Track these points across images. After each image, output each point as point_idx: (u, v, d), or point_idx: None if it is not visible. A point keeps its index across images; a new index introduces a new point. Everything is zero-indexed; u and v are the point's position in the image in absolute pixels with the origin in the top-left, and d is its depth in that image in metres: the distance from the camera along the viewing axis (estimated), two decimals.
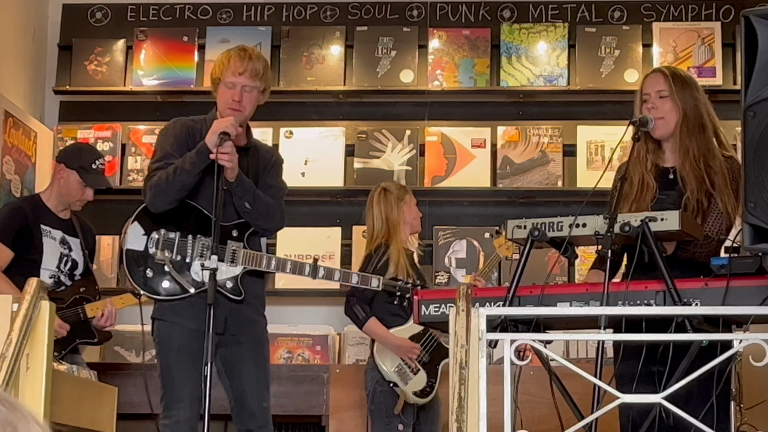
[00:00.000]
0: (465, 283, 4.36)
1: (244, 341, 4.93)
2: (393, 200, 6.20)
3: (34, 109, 7.75)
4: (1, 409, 1.32)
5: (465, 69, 7.72)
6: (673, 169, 4.58)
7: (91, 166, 5.95)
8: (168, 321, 4.89)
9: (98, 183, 5.99)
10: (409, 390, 6.05)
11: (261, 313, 5.07)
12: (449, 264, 7.52)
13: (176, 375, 4.83)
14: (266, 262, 4.93)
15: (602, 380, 3.86)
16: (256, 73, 4.96)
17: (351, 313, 6.13)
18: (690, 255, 4.37)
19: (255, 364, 4.95)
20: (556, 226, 4.12)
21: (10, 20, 7.50)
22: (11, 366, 3.43)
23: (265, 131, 7.40)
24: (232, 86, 4.94)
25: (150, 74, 7.80)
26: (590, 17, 7.78)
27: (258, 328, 5.02)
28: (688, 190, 4.47)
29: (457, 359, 3.62)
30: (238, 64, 4.95)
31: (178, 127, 5.05)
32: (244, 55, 4.98)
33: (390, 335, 6.08)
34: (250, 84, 4.96)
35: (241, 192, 4.88)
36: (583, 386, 3.99)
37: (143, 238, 4.93)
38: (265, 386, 4.97)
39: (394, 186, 6.34)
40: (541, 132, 7.62)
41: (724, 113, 7.00)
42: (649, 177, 4.53)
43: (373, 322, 6.07)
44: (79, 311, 5.86)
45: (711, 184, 4.47)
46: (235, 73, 4.94)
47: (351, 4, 7.89)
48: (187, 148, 4.92)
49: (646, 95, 4.60)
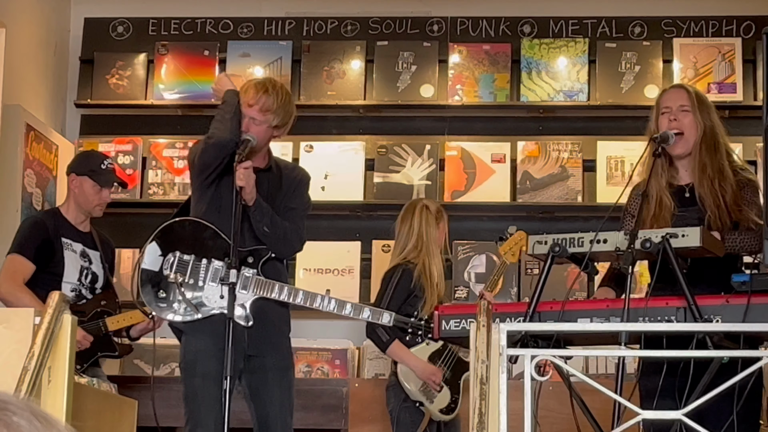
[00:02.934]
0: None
1: (269, 368, 4.96)
2: (430, 219, 6.17)
3: (56, 122, 7.79)
4: (37, 425, 1.31)
5: (485, 84, 7.73)
6: (689, 187, 4.58)
7: (100, 167, 5.96)
8: (191, 336, 4.93)
9: (111, 180, 5.97)
10: (435, 408, 6.05)
11: (284, 332, 5.08)
12: (468, 279, 7.52)
13: (201, 401, 4.87)
14: (278, 291, 4.93)
15: (622, 396, 3.85)
16: (267, 108, 5.00)
17: (374, 335, 6.12)
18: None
19: (279, 390, 4.99)
20: (576, 242, 4.12)
21: (32, 34, 7.54)
22: (33, 379, 3.44)
23: (285, 145, 7.42)
24: (243, 115, 5.01)
25: (171, 88, 7.83)
26: (610, 33, 7.78)
27: (281, 350, 5.03)
28: (707, 208, 4.46)
29: (478, 375, 3.62)
30: (251, 95, 5.01)
31: None
32: (260, 88, 5.03)
33: (413, 358, 6.07)
34: (259, 118, 5.01)
35: (259, 216, 4.93)
36: (603, 402, 3.98)
37: (159, 259, 4.98)
38: (289, 411, 5.02)
39: (434, 205, 6.29)
40: (561, 147, 7.62)
41: (745, 129, 7.03)
42: (665, 195, 4.52)
43: (397, 345, 6.07)
44: (100, 324, 5.87)
45: (725, 203, 4.46)
46: (245, 104, 5.00)
47: (371, 19, 7.90)
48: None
49: (667, 108, 4.59)
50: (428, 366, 6.07)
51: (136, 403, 5.09)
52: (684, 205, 4.54)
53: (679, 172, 4.63)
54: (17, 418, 1.29)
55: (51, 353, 3.56)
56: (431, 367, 6.07)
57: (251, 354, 4.94)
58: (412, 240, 6.16)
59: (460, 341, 4.46)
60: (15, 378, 3.45)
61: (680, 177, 4.62)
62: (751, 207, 4.45)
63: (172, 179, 7.69)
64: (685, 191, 4.58)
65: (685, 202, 4.55)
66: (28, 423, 1.30)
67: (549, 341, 3.94)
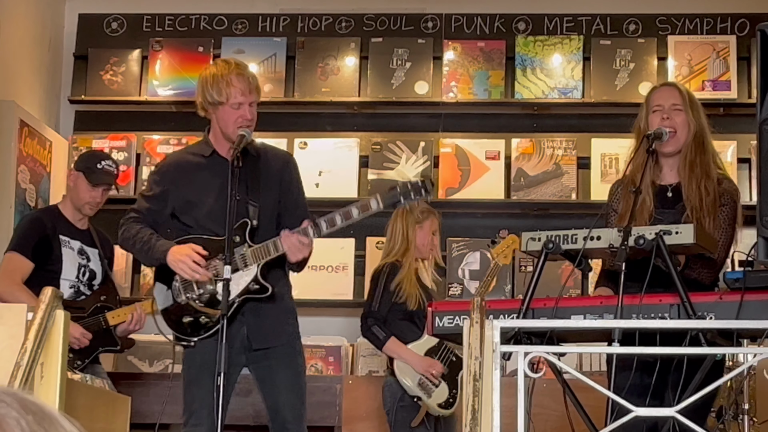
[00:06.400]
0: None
1: (272, 356, 4.94)
2: (411, 221, 6.19)
3: (50, 118, 7.78)
4: (29, 419, 1.28)
5: (480, 81, 7.73)
6: (672, 187, 4.58)
7: (96, 166, 5.93)
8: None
9: (101, 180, 5.90)
10: (433, 402, 6.07)
11: (286, 320, 5.03)
12: (463, 276, 7.52)
13: (196, 390, 4.85)
14: (273, 249, 4.89)
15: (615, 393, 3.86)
16: (257, 86, 5.04)
17: (370, 334, 6.14)
18: (696, 276, 4.36)
19: (286, 376, 4.96)
20: (570, 239, 4.12)
21: (26, 30, 7.53)
22: (26, 375, 3.44)
23: (279, 142, 7.40)
24: (239, 106, 4.97)
25: (165, 84, 7.82)
26: (605, 30, 7.78)
27: (284, 337, 5.00)
28: (689, 207, 4.46)
29: (471, 371, 3.62)
30: (243, 85, 4.97)
31: (169, 167, 5.16)
32: (243, 73, 5.00)
33: (410, 353, 6.09)
34: (256, 99, 5.02)
35: (294, 267, 4.96)
36: (596, 399, 3.99)
37: (168, 293, 4.99)
38: (298, 396, 4.97)
39: (419, 208, 6.28)
40: (556, 144, 7.62)
41: (739, 127, 7.04)
42: (647, 194, 4.52)
43: (393, 342, 6.09)
44: (100, 319, 5.86)
45: (706, 205, 4.46)
46: (244, 93, 4.96)
47: (366, 16, 7.90)
48: (177, 184, 5.02)
49: (659, 107, 4.59)
50: (425, 359, 6.08)
51: (129, 399, 5.10)
52: (664, 206, 4.54)
53: (662, 171, 4.62)
54: (4, 410, 1.26)
55: (44, 349, 3.56)
56: (429, 359, 6.09)
57: (256, 348, 4.93)
58: (398, 242, 6.19)
59: (454, 338, 4.46)
60: (7, 374, 3.45)
61: (664, 176, 4.62)
62: (718, 231, 4.45)
63: None
64: (668, 191, 4.58)
65: (665, 203, 4.55)
66: (18, 416, 1.28)
67: (542, 338, 3.94)
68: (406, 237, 6.18)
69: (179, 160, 5.19)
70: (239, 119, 4.95)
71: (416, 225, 6.20)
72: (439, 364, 6.10)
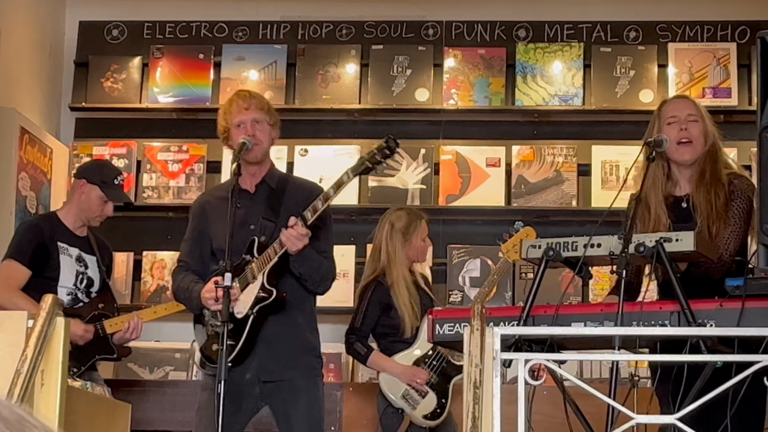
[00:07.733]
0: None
1: (286, 389, 4.91)
2: (397, 235, 6.13)
3: (50, 125, 7.78)
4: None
5: (480, 88, 7.73)
6: (686, 198, 4.59)
7: (113, 181, 5.95)
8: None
9: (120, 198, 5.97)
10: (418, 414, 6.04)
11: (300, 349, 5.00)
12: (463, 283, 7.51)
13: (204, 413, 4.87)
14: (273, 252, 4.88)
15: (616, 400, 3.85)
16: (262, 105, 5.02)
17: (353, 351, 6.16)
18: (704, 272, 4.36)
19: (296, 412, 4.91)
20: (570, 246, 4.12)
21: (27, 37, 7.54)
22: (26, 382, 3.43)
23: (280, 149, 7.40)
24: (241, 124, 4.96)
25: (166, 91, 7.82)
26: (605, 37, 7.78)
27: (298, 368, 4.96)
28: (698, 216, 4.47)
29: (472, 379, 3.62)
30: (241, 103, 4.98)
31: (195, 208, 5.21)
32: (245, 94, 5.05)
33: (394, 364, 6.07)
34: (259, 116, 4.98)
35: (298, 264, 4.91)
36: (597, 406, 3.98)
37: (203, 330, 5.02)
38: (313, 427, 4.96)
39: (401, 221, 6.24)
40: (556, 151, 7.62)
41: (740, 134, 7.03)
42: (662, 210, 4.53)
43: (376, 355, 6.10)
44: (97, 327, 5.86)
45: (716, 209, 4.47)
46: (241, 111, 4.96)
47: (366, 23, 7.90)
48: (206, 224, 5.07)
49: (673, 118, 4.60)
50: (409, 368, 6.05)
51: (129, 406, 5.09)
52: (680, 219, 4.54)
53: (679, 182, 4.64)
54: None
55: (44, 356, 3.56)
56: (413, 368, 6.05)
57: (266, 380, 4.92)
58: (382, 256, 6.15)
59: (454, 345, 4.46)
60: (8, 381, 3.45)
61: (680, 187, 4.64)
62: (727, 226, 4.46)
63: (166, 183, 7.68)
64: (683, 202, 4.59)
65: (681, 216, 4.55)
66: None
67: (543, 345, 3.94)
68: (386, 252, 6.14)
69: (208, 198, 5.25)
70: (243, 136, 4.94)
71: (404, 242, 6.13)
72: (424, 371, 6.06)
